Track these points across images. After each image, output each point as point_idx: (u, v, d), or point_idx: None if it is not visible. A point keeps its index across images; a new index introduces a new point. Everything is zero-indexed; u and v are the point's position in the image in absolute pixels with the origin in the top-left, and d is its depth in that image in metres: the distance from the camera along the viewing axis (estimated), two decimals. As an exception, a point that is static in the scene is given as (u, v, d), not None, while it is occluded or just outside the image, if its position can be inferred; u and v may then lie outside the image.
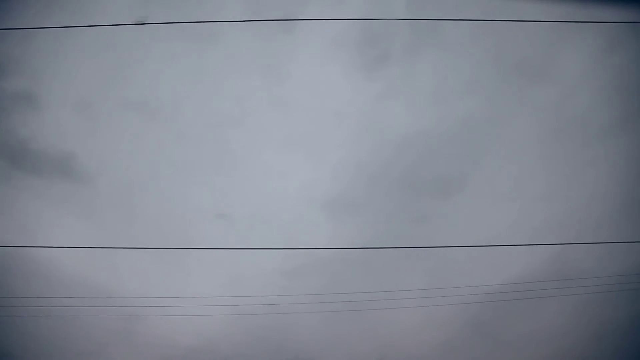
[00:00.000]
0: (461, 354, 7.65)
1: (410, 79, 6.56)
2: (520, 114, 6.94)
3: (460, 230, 6.70)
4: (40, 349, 6.90)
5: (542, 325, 7.40)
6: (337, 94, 6.55)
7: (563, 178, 7.20)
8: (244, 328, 7.07)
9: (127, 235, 6.92)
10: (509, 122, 6.95)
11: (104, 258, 6.66)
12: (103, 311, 6.98)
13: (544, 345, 7.49)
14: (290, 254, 7.06)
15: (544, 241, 7.24)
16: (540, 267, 7.39)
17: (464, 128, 6.94)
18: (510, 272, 7.60)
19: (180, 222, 7.05)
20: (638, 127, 6.79)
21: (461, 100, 6.79)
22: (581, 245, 7.14)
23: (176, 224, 6.97)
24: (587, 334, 7.32)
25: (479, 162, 7.24)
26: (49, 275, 6.71)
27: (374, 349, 7.62)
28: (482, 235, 6.85)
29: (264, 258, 7.23)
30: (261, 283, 7.36)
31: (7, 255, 6.12)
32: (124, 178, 6.95)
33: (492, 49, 6.20)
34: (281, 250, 6.97)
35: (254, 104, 6.78)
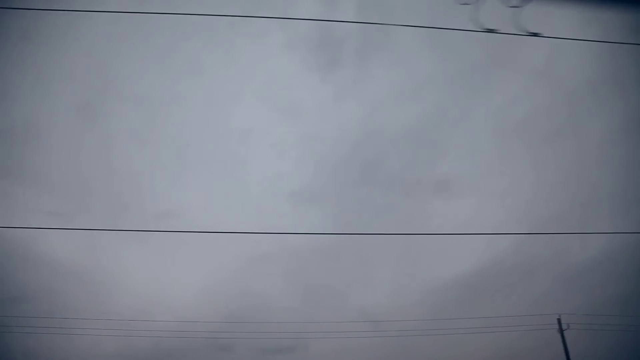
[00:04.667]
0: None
1: (365, 80, 7.15)
2: (471, 115, 7.46)
3: (418, 222, 7.13)
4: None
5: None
6: (298, 92, 7.15)
7: (517, 176, 7.66)
8: (214, 309, 7.46)
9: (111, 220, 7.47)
10: (461, 122, 7.47)
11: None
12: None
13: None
14: (259, 241, 7.53)
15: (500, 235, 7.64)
16: (496, 259, 7.74)
17: (419, 127, 7.49)
18: (467, 263, 7.96)
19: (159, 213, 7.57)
20: (582, 130, 7.29)
21: (414, 102, 7.35)
22: (536, 240, 7.55)
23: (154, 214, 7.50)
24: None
25: (434, 159, 7.75)
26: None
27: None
28: (439, 227, 7.27)
29: (235, 245, 7.71)
30: (233, 268, 7.81)
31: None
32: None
33: (442, 54, 6.76)
34: (251, 238, 7.44)
35: (219, 102, 7.39)
